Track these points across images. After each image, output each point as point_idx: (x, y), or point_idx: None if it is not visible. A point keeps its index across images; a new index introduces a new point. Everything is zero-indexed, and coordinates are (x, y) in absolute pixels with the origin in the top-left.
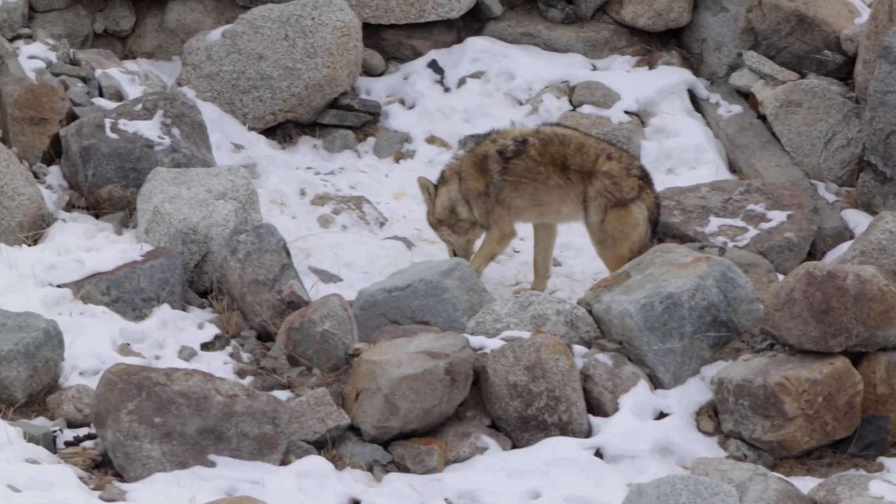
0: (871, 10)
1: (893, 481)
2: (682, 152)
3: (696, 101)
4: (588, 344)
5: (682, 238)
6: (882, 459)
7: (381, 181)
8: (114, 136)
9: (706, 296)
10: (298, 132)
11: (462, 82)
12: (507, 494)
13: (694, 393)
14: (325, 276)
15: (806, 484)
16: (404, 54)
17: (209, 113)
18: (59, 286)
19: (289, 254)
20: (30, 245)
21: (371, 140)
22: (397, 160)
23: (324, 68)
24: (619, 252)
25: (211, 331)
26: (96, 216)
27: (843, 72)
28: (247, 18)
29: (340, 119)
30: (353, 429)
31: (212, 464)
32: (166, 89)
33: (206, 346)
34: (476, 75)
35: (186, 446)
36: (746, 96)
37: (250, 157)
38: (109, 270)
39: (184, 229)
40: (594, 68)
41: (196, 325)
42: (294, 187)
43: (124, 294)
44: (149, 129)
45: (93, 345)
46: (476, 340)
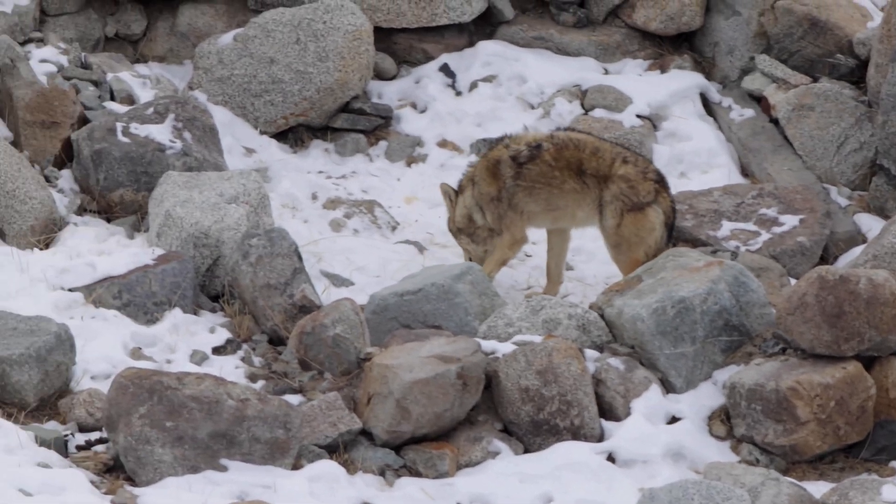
0: (884, 13)
1: None
2: (694, 156)
3: (708, 105)
4: (600, 348)
5: (695, 242)
6: (895, 464)
7: (393, 185)
8: (125, 139)
9: (718, 300)
10: (310, 136)
11: (474, 86)
12: (519, 499)
13: (706, 397)
14: (337, 280)
15: (818, 488)
16: (416, 58)
17: (221, 117)
18: (70, 290)
19: (300, 258)
20: (41, 249)
21: (383, 144)
22: (409, 164)
23: (335, 72)
24: (634, 256)
25: (222, 335)
26: (108, 220)
27: (856, 75)
28: (258, 22)
29: (352, 123)
30: (365, 433)
31: (223, 468)
32: (178, 93)
33: (217, 351)
34: (488, 79)
35: (198, 450)
36: (759, 100)
37: (262, 161)
38: (121, 274)
39: (195, 233)
40: (606, 72)
41: (208, 329)
42: (306, 191)
43: (136, 298)
44: (160, 132)
45: (104, 349)
46: (488, 345)
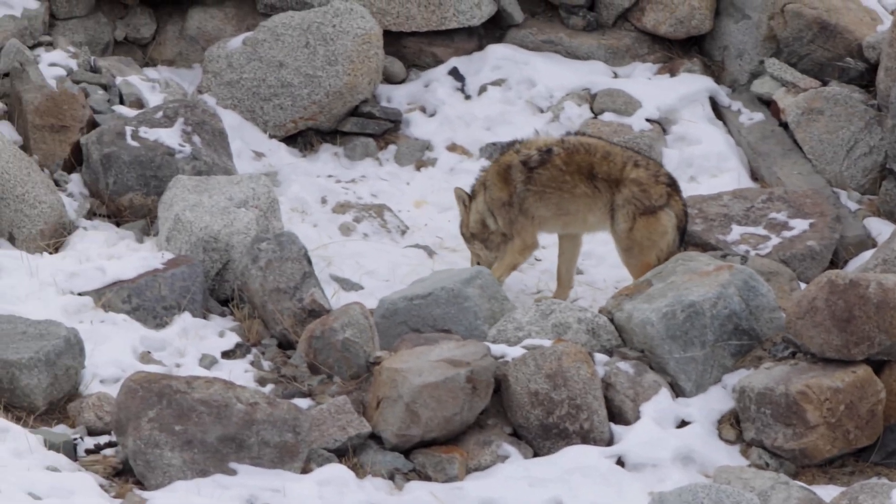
0: (894, 17)
1: None
2: (703, 160)
3: (717, 109)
4: (609, 352)
5: (704, 246)
6: None
7: (403, 189)
8: (134, 143)
9: (728, 304)
10: (319, 140)
11: (483, 90)
12: (528, 503)
13: (716, 401)
14: (347, 285)
15: (828, 492)
16: (425, 62)
17: (230, 120)
18: (80, 294)
19: (310, 262)
20: (51, 253)
21: (392, 148)
22: (418, 168)
23: (345, 76)
24: (645, 260)
25: (232, 339)
26: (117, 224)
27: (866, 79)
28: (267, 26)
29: (361, 127)
30: (374, 437)
31: (233, 472)
32: (187, 97)
33: (226, 355)
34: (497, 83)
35: (207, 454)
36: (768, 104)
37: (271, 164)
38: (130, 278)
39: (205, 237)
40: (615, 76)
41: (217, 334)
42: (315, 195)
43: (145, 302)
44: (169, 136)
45: (113, 353)
46: (497, 349)
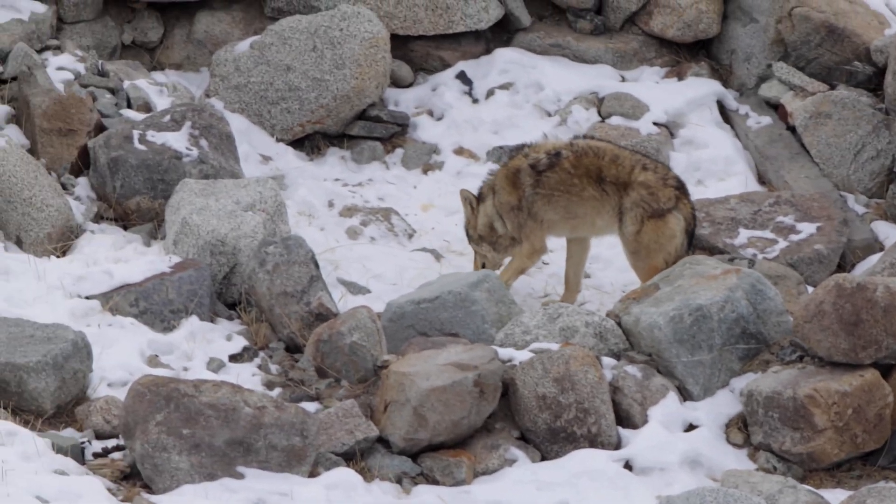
0: None
1: None
2: (711, 164)
3: (725, 113)
4: (617, 356)
5: (712, 250)
6: None
7: (410, 193)
8: (142, 147)
9: (735, 308)
10: (326, 144)
11: (490, 93)
12: None
13: (723, 405)
14: (354, 288)
15: (836, 496)
16: (433, 65)
17: (237, 124)
18: (87, 298)
19: (317, 265)
20: (58, 256)
21: (399, 151)
22: (425, 172)
23: (352, 79)
24: (653, 263)
25: (239, 342)
26: (125, 228)
27: (873, 83)
28: (275, 29)
29: (369, 130)
30: (382, 441)
31: (240, 476)
32: (194, 100)
33: (234, 358)
34: (505, 86)
35: (215, 458)
36: (776, 107)
37: (278, 168)
38: (138, 282)
39: (212, 241)
40: (623, 79)
41: (224, 337)
42: (322, 199)
43: (153, 306)
44: (177, 140)
45: (121, 356)
46: (505, 352)
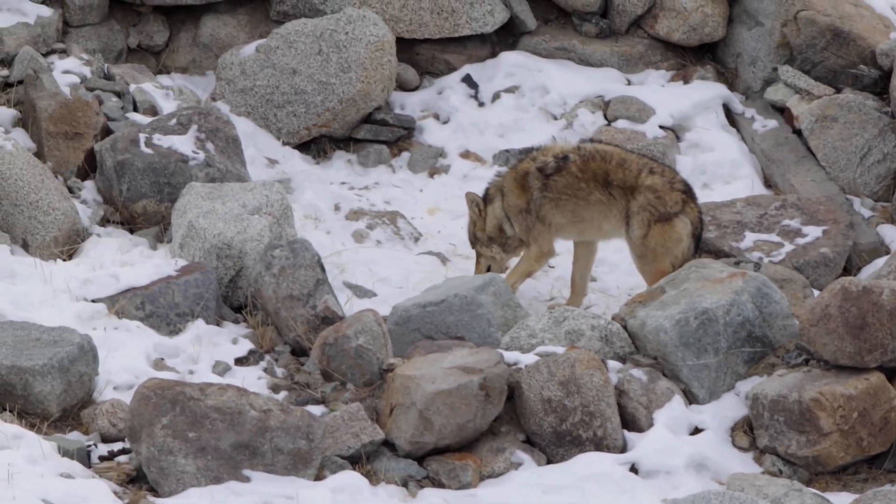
0: None
1: None
2: (717, 167)
3: (731, 116)
4: (623, 359)
5: (718, 253)
6: None
7: (416, 196)
8: (148, 150)
9: (741, 311)
10: (332, 147)
11: (496, 97)
12: None
13: (729, 408)
14: (360, 292)
15: (841, 500)
16: (438, 69)
17: (243, 128)
18: (93, 301)
19: (323, 269)
20: (64, 260)
21: (405, 155)
22: (431, 175)
23: (358, 83)
24: (660, 267)
25: (245, 346)
26: (131, 231)
27: (879, 86)
28: (281, 33)
29: (374, 134)
30: (388, 444)
31: (246, 479)
32: (200, 104)
33: (240, 361)
34: (510, 90)
35: (221, 461)
36: (782, 111)
37: (284, 172)
38: (144, 285)
39: (218, 244)
40: (629, 83)
41: (230, 340)
42: (328, 202)
43: (159, 309)
44: (183, 143)
45: (127, 359)
46: (510, 356)
